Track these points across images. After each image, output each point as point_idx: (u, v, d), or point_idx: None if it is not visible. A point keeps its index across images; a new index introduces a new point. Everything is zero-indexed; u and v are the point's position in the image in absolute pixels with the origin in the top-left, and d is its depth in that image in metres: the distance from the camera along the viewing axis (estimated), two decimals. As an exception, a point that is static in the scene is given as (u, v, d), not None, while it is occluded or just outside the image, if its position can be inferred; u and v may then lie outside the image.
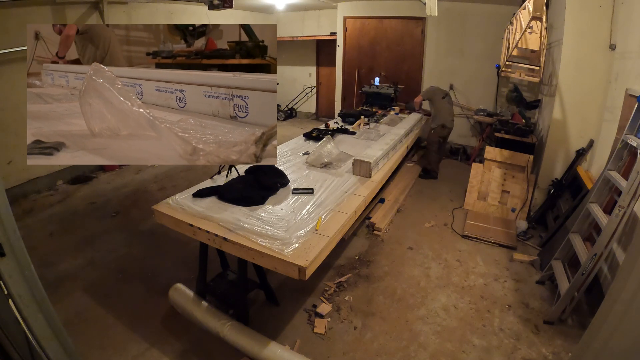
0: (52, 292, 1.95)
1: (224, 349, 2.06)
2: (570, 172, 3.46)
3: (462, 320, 2.37)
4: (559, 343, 2.17)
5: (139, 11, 5.12)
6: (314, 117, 8.53)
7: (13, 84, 3.71)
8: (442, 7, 4.76)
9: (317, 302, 2.47)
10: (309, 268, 1.68)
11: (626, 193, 1.96)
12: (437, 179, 4.74)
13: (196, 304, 2.24)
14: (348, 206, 2.27)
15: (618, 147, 2.31)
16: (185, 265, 2.84)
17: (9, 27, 3.62)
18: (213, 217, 2.00)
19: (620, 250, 2.30)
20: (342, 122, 4.55)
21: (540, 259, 2.98)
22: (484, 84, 5.65)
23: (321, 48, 7.95)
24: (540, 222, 3.60)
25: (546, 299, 2.57)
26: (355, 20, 6.70)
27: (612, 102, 3.03)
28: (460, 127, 6.04)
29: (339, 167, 2.86)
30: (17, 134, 3.70)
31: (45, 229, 3.39)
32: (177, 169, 4.93)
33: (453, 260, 3.04)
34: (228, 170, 2.56)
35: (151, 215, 2.17)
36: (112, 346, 2.11)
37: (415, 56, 6.24)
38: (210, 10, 4.77)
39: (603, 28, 3.13)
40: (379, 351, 2.12)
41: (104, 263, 2.89)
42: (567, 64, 3.39)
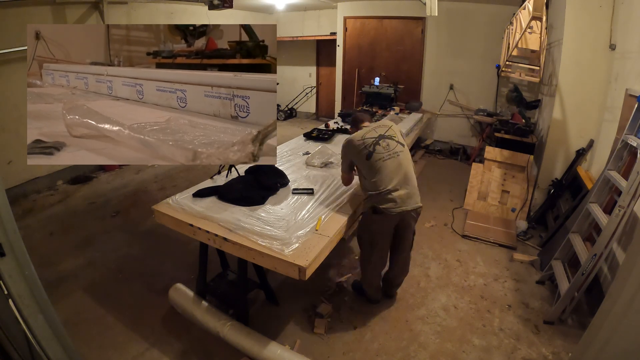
0: (52, 292, 1.95)
1: (224, 349, 2.06)
2: (570, 172, 3.46)
3: (462, 320, 2.37)
4: (559, 343, 2.17)
5: (139, 11, 5.12)
6: (314, 117, 8.53)
7: (13, 84, 3.71)
8: (442, 7, 4.76)
9: (317, 302, 2.47)
10: (309, 268, 1.68)
11: (626, 193, 1.96)
12: (377, 303, 2.49)
13: (196, 304, 2.24)
14: (348, 206, 2.27)
15: (618, 147, 2.31)
16: (185, 265, 2.84)
17: (9, 27, 3.62)
18: (213, 217, 2.00)
19: (620, 250, 2.30)
20: (342, 122, 4.55)
21: (540, 259, 2.98)
22: (484, 84, 5.65)
23: (321, 48, 7.95)
24: (540, 222, 3.60)
25: (546, 299, 2.57)
26: (355, 20, 6.70)
27: (612, 102, 3.03)
28: (460, 127, 6.06)
29: (339, 167, 2.85)
30: (17, 134, 3.70)
31: (45, 229, 3.39)
32: (177, 169, 4.93)
33: (453, 260, 3.04)
34: (228, 170, 2.56)
35: (151, 215, 2.17)
36: (112, 346, 2.11)
37: (415, 56, 6.24)
38: (210, 10, 4.79)
39: (603, 28, 3.13)
40: (379, 351, 2.12)
41: (104, 263, 2.89)
42: (567, 64, 3.39)
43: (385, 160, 2.12)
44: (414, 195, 2.17)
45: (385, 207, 2.07)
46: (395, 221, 2.15)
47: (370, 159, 2.12)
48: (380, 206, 2.08)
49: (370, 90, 5.46)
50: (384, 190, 2.07)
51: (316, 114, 8.54)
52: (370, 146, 2.14)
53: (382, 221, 2.13)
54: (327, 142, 3.57)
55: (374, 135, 2.19)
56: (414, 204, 2.16)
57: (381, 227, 2.17)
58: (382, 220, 2.12)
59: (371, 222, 2.18)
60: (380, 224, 2.15)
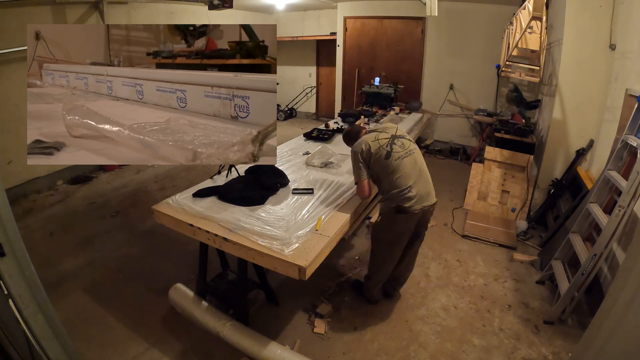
0: (52, 292, 1.95)
1: (224, 349, 2.06)
2: (570, 172, 3.46)
3: (462, 320, 2.37)
4: (559, 343, 2.17)
5: (139, 11, 5.12)
6: (314, 117, 8.53)
7: (13, 84, 3.71)
8: (442, 7, 4.75)
9: (317, 302, 2.47)
10: (309, 268, 1.68)
11: (626, 193, 1.96)
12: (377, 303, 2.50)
13: (196, 304, 2.24)
14: (348, 206, 2.27)
15: (618, 147, 2.31)
16: (185, 265, 2.84)
17: (9, 27, 3.62)
18: (213, 217, 2.00)
19: (620, 250, 2.30)
20: (342, 122, 4.55)
21: (540, 259, 2.98)
22: (484, 84, 5.65)
23: (321, 48, 7.95)
24: (540, 222, 3.60)
25: (546, 299, 2.57)
26: (355, 20, 6.70)
27: (612, 102, 3.03)
28: (460, 127, 6.06)
29: (339, 167, 2.85)
30: (17, 134, 3.70)
31: (45, 229, 3.39)
32: (177, 169, 4.93)
33: (453, 260, 3.04)
34: (228, 170, 2.56)
35: (151, 215, 2.17)
36: (112, 346, 2.11)
37: (415, 56, 6.24)
38: (210, 10, 4.79)
39: (603, 28, 3.13)
40: (379, 351, 2.12)
41: (104, 263, 2.89)
42: (567, 64, 3.39)
43: (403, 158, 2.13)
44: (431, 191, 2.20)
45: (408, 206, 2.07)
46: (417, 218, 2.16)
47: (389, 158, 2.11)
48: (404, 205, 2.07)
49: (370, 90, 5.46)
50: (406, 188, 2.07)
51: (316, 114, 8.54)
52: (387, 145, 2.14)
53: (407, 220, 2.13)
54: (327, 142, 3.57)
55: (386, 136, 2.20)
56: (432, 200, 2.19)
57: (405, 226, 2.16)
58: (407, 219, 2.12)
59: (395, 222, 2.15)
60: (405, 223, 2.14)
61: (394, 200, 2.11)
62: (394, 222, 2.15)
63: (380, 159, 2.12)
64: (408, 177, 2.10)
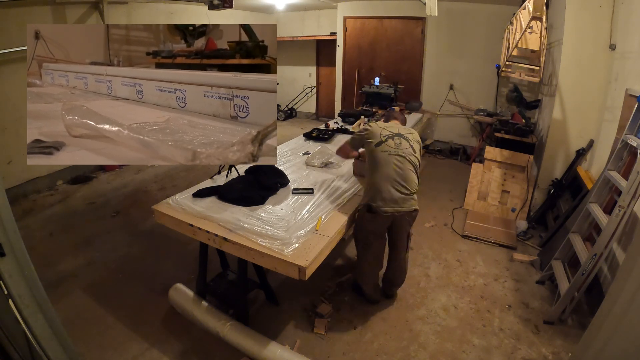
0: (52, 292, 1.95)
1: (224, 349, 2.06)
2: (570, 172, 3.46)
3: (462, 320, 2.37)
4: (559, 343, 2.17)
5: (139, 11, 5.12)
6: (314, 117, 8.53)
7: (13, 84, 3.71)
8: (442, 7, 4.75)
9: (317, 302, 2.47)
10: (309, 268, 1.68)
11: (626, 193, 1.96)
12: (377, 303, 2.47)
13: (196, 304, 2.24)
14: (348, 206, 2.27)
15: (618, 147, 2.31)
16: (185, 265, 2.84)
17: (9, 27, 3.61)
18: (213, 217, 2.00)
19: (620, 250, 2.30)
20: (342, 122, 4.55)
21: (540, 259, 2.98)
22: (484, 84, 5.65)
23: (321, 48, 7.95)
24: (540, 222, 3.60)
25: (546, 299, 2.57)
26: (355, 20, 6.70)
27: (612, 102, 3.03)
28: (460, 127, 6.06)
29: (339, 167, 2.86)
30: (17, 134, 3.70)
31: (45, 229, 3.39)
32: (177, 169, 4.93)
33: (453, 260, 3.04)
34: (228, 170, 2.56)
35: (151, 215, 2.17)
36: (112, 346, 2.10)
37: (415, 56, 6.24)
38: (210, 10, 4.78)
39: (603, 28, 3.13)
40: (378, 351, 2.12)
41: (104, 263, 2.89)
42: (567, 64, 3.39)
43: (391, 154, 2.14)
44: (410, 200, 2.15)
45: (377, 206, 2.07)
46: (387, 222, 2.15)
47: (378, 146, 2.17)
48: (374, 204, 2.08)
49: (370, 90, 5.45)
50: (382, 187, 2.08)
51: (316, 114, 8.54)
52: (384, 137, 2.20)
53: (375, 221, 2.12)
54: (327, 142, 3.57)
55: (393, 131, 2.26)
56: (409, 207, 2.15)
57: (374, 226, 2.16)
58: (375, 219, 2.11)
59: (364, 220, 2.18)
60: (373, 223, 2.14)
61: (368, 196, 2.14)
62: (363, 220, 2.18)
63: (372, 144, 2.20)
64: (388, 176, 2.10)
